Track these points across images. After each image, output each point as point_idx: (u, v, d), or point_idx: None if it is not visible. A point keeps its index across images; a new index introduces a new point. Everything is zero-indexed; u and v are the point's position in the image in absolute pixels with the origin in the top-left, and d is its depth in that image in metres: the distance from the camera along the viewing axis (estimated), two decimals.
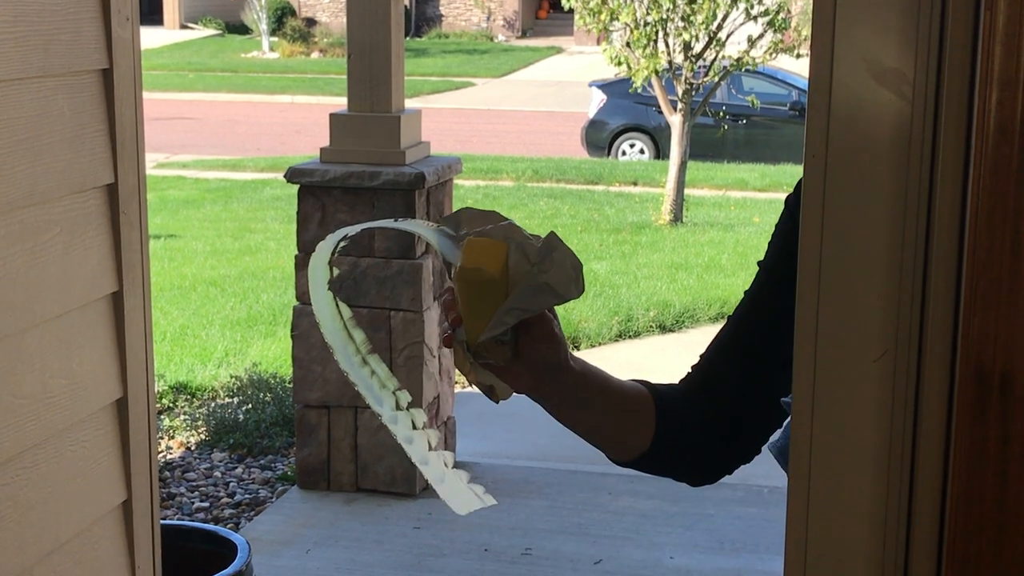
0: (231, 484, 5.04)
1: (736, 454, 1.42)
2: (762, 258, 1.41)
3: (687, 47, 10.40)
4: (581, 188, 12.60)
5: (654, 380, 1.44)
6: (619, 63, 10.49)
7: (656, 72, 10.28)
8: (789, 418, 1.26)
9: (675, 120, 10.53)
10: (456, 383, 5.64)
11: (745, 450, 1.42)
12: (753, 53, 10.54)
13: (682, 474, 1.46)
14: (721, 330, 1.44)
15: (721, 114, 12.89)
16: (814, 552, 1.01)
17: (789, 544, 1.01)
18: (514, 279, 1.24)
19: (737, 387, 1.39)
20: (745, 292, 1.43)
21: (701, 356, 1.44)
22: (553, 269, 1.23)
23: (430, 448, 1.33)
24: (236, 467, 5.19)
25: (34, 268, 1.63)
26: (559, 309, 1.34)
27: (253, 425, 5.41)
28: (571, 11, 10.67)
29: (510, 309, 1.23)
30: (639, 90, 11.02)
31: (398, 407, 1.33)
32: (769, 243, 1.41)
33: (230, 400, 5.75)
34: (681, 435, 1.39)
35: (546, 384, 1.31)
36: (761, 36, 10.55)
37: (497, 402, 1.33)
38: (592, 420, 1.39)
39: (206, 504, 4.86)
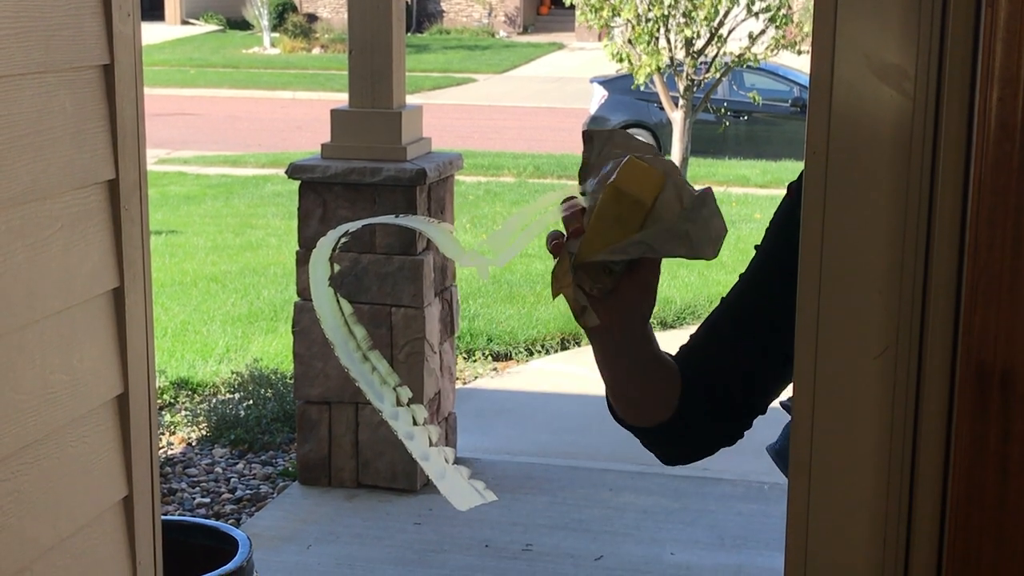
0: (232, 480, 5.04)
1: (721, 436, 1.43)
2: (759, 242, 1.41)
3: (688, 43, 10.39)
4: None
5: None
6: (621, 59, 10.49)
7: (658, 68, 10.28)
8: (788, 421, 1.26)
9: (676, 116, 10.52)
10: (457, 380, 5.64)
11: (730, 433, 1.43)
12: (754, 49, 10.54)
13: (674, 451, 1.47)
14: (712, 313, 1.43)
15: (722, 110, 12.88)
16: (815, 549, 1.01)
17: (790, 540, 1.02)
18: (657, 215, 1.19)
19: (730, 369, 1.39)
20: (740, 276, 1.43)
21: (691, 337, 1.44)
22: (700, 222, 1.18)
23: (431, 444, 1.33)
24: (237, 463, 5.19)
25: (35, 264, 1.63)
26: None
27: (254, 421, 5.41)
28: (573, 7, 10.66)
29: (640, 242, 1.19)
30: (640, 86, 11.01)
31: (399, 403, 1.33)
32: (768, 228, 1.41)
33: (231, 396, 5.76)
34: (693, 415, 1.40)
35: (622, 329, 1.30)
36: (763, 32, 10.55)
37: (585, 326, 1.27)
38: (636, 380, 1.39)
39: (207, 500, 4.86)
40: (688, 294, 7.84)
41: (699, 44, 10.40)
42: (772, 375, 1.38)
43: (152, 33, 25.89)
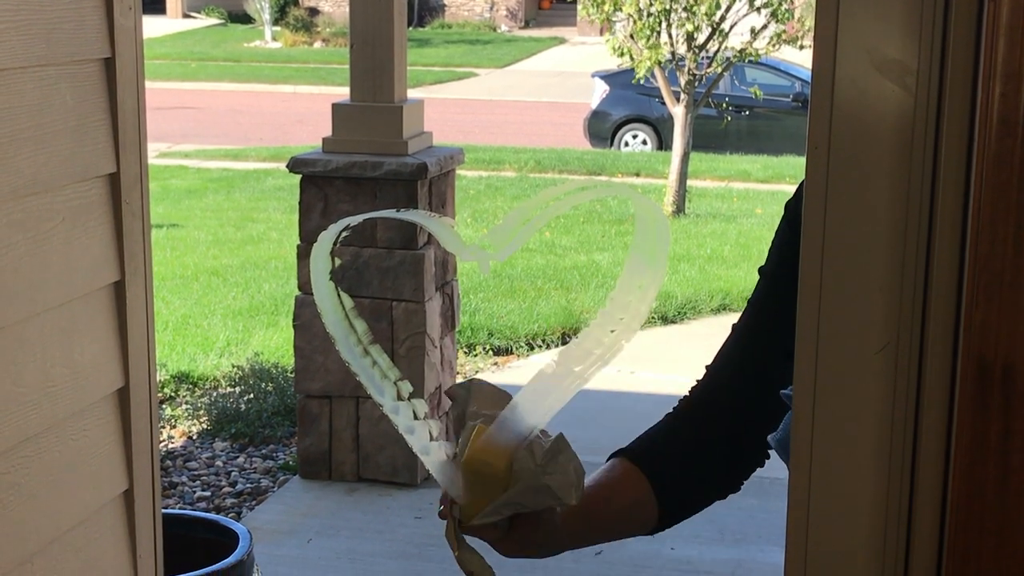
0: (232, 473, 5.04)
1: (749, 462, 1.44)
2: (763, 264, 1.40)
3: (690, 38, 10.38)
4: (584, 179, 12.59)
5: (655, 372, 1.43)
6: (622, 54, 10.47)
7: (659, 63, 10.27)
8: (789, 411, 1.26)
9: (678, 111, 10.52)
10: (458, 374, 5.64)
11: (756, 457, 1.43)
12: (756, 44, 10.53)
13: (702, 504, 1.48)
14: (726, 341, 1.42)
15: (724, 105, 12.87)
16: (815, 544, 1.01)
17: (790, 536, 1.01)
18: (517, 475, 1.27)
19: (747, 397, 1.38)
20: (748, 301, 1.41)
21: (707, 368, 1.43)
22: (557, 473, 1.26)
23: (431, 438, 1.33)
24: (238, 456, 5.19)
25: (36, 257, 1.63)
26: None
27: (255, 415, 5.41)
28: (574, 1, 10.67)
29: (508, 503, 1.28)
30: (642, 81, 11.00)
31: (399, 397, 1.33)
32: (770, 250, 1.39)
33: (232, 390, 5.76)
34: (682, 490, 1.40)
35: (539, 549, 1.35)
36: (764, 27, 10.53)
37: None
38: (598, 539, 1.42)
39: (207, 493, 4.86)
40: (688, 288, 7.84)
41: (701, 39, 10.39)
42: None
43: (153, 27, 25.87)
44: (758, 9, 10.40)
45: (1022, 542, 0.93)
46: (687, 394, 1.44)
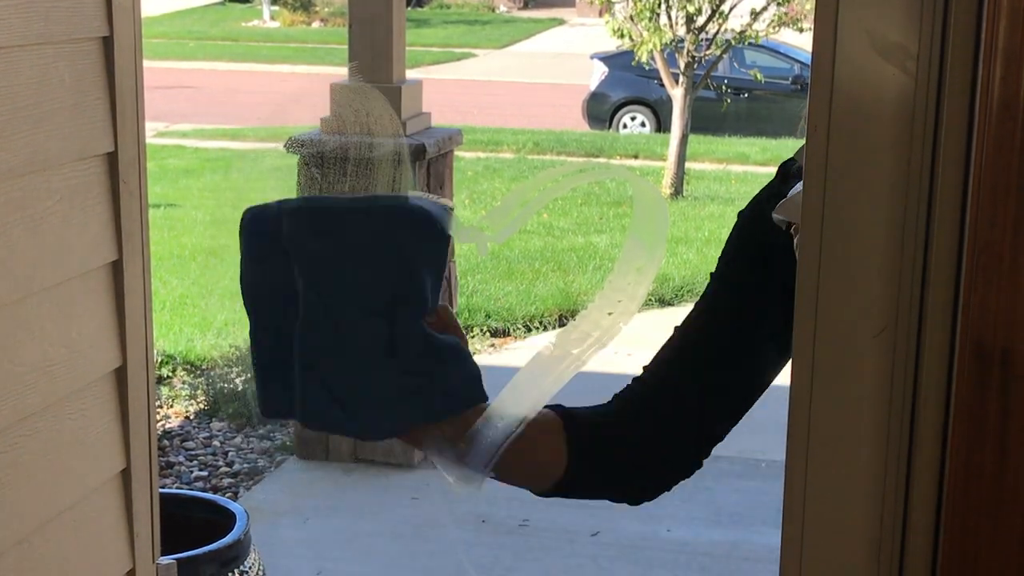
0: (230, 453, 5.05)
1: (677, 469, 1.35)
2: (713, 269, 1.35)
3: (690, 20, 10.36)
4: (582, 161, 12.57)
5: (650, 355, 1.39)
6: (621, 35, 10.45)
7: (658, 45, 10.24)
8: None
9: (677, 93, 10.50)
10: None
11: (687, 465, 1.34)
12: (756, 26, 10.50)
13: (613, 494, 1.38)
14: (667, 343, 1.36)
15: (723, 88, 12.85)
16: (811, 526, 1.01)
17: (786, 518, 1.02)
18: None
19: (686, 404, 1.32)
20: (695, 305, 1.36)
21: (644, 368, 1.36)
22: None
23: None
24: (235, 437, 5.20)
25: (34, 236, 1.62)
26: None
27: (252, 395, 5.41)
28: None
29: None
30: (641, 63, 10.98)
31: None
32: (720, 256, 1.34)
33: (229, 370, 5.76)
34: (601, 457, 1.31)
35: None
36: (764, 9, 10.51)
37: None
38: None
39: (205, 473, 4.87)
40: (686, 271, 7.84)
41: (700, 21, 10.36)
42: (733, 409, 1.31)
43: (152, 5, 25.78)
44: None
45: (1019, 524, 0.93)
46: (609, 400, 1.36)
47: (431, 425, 1.19)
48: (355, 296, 1.16)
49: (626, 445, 1.33)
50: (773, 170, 1.40)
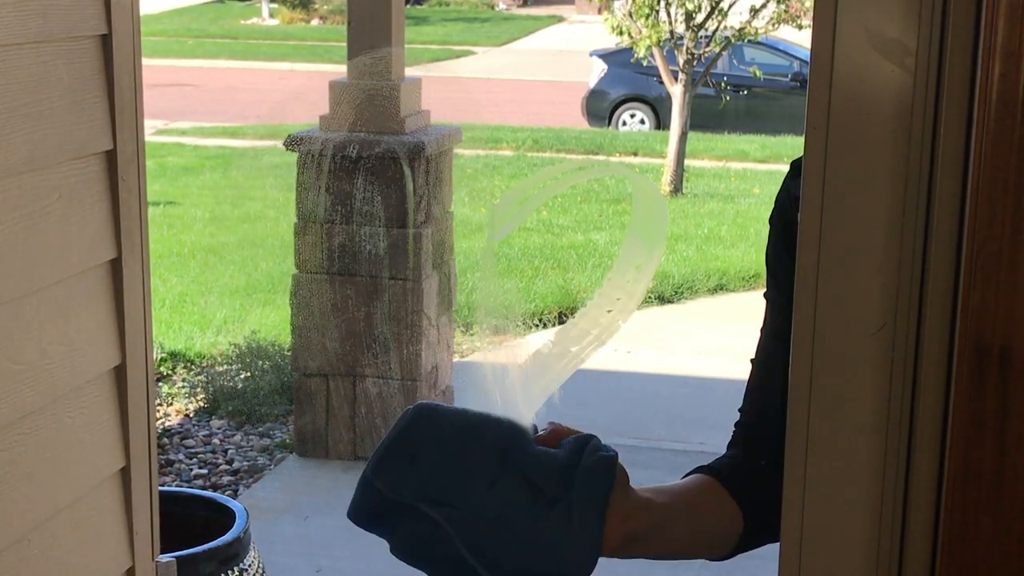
0: (229, 451, 5.05)
1: None
2: (766, 289, 1.33)
3: (689, 17, 10.35)
4: (581, 158, 12.57)
5: (652, 351, 1.39)
6: (620, 32, 10.45)
7: (658, 42, 10.24)
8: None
9: (676, 90, 10.49)
10: (455, 353, 5.64)
11: None
12: (756, 23, 10.50)
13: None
14: (749, 377, 1.35)
15: (722, 85, 12.84)
16: (810, 525, 1.01)
17: (785, 516, 1.02)
18: None
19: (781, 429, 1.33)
20: (760, 329, 1.34)
21: (740, 411, 1.36)
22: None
23: None
24: (235, 434, 5.20)
25: (33, 234, 1.62)
26: None
27: (252, 393, 5.41)
28: None
29: None
30: (640, 60, 10.98)
31: None
32: (767, 275, 1.32)
33: (229, 368, 5.76)
34: (764, 496, 1.28)
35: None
36: (764, 6, 10.51)
37: None
38: (670, 550, 1.33)
39: (204, 471, 4.87)
40: (686, 268, 7.84)
41: (700, 17, 10.36)
42: None
43: (150, 3, 25.76)
44: None
45: (1018, 523, 0.93)
46: (732, 439, 1.36)
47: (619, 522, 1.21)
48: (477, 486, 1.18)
49: (771, 478, 1.32)
50: (772, 167, 1.39)
